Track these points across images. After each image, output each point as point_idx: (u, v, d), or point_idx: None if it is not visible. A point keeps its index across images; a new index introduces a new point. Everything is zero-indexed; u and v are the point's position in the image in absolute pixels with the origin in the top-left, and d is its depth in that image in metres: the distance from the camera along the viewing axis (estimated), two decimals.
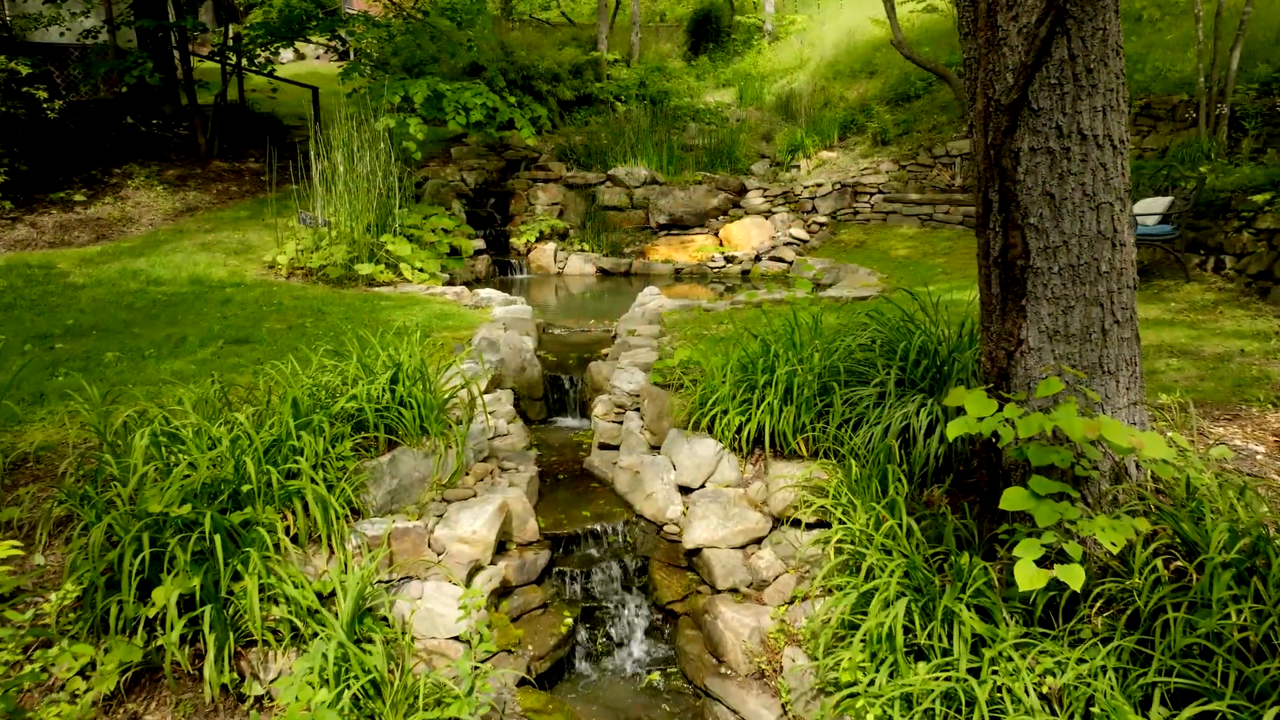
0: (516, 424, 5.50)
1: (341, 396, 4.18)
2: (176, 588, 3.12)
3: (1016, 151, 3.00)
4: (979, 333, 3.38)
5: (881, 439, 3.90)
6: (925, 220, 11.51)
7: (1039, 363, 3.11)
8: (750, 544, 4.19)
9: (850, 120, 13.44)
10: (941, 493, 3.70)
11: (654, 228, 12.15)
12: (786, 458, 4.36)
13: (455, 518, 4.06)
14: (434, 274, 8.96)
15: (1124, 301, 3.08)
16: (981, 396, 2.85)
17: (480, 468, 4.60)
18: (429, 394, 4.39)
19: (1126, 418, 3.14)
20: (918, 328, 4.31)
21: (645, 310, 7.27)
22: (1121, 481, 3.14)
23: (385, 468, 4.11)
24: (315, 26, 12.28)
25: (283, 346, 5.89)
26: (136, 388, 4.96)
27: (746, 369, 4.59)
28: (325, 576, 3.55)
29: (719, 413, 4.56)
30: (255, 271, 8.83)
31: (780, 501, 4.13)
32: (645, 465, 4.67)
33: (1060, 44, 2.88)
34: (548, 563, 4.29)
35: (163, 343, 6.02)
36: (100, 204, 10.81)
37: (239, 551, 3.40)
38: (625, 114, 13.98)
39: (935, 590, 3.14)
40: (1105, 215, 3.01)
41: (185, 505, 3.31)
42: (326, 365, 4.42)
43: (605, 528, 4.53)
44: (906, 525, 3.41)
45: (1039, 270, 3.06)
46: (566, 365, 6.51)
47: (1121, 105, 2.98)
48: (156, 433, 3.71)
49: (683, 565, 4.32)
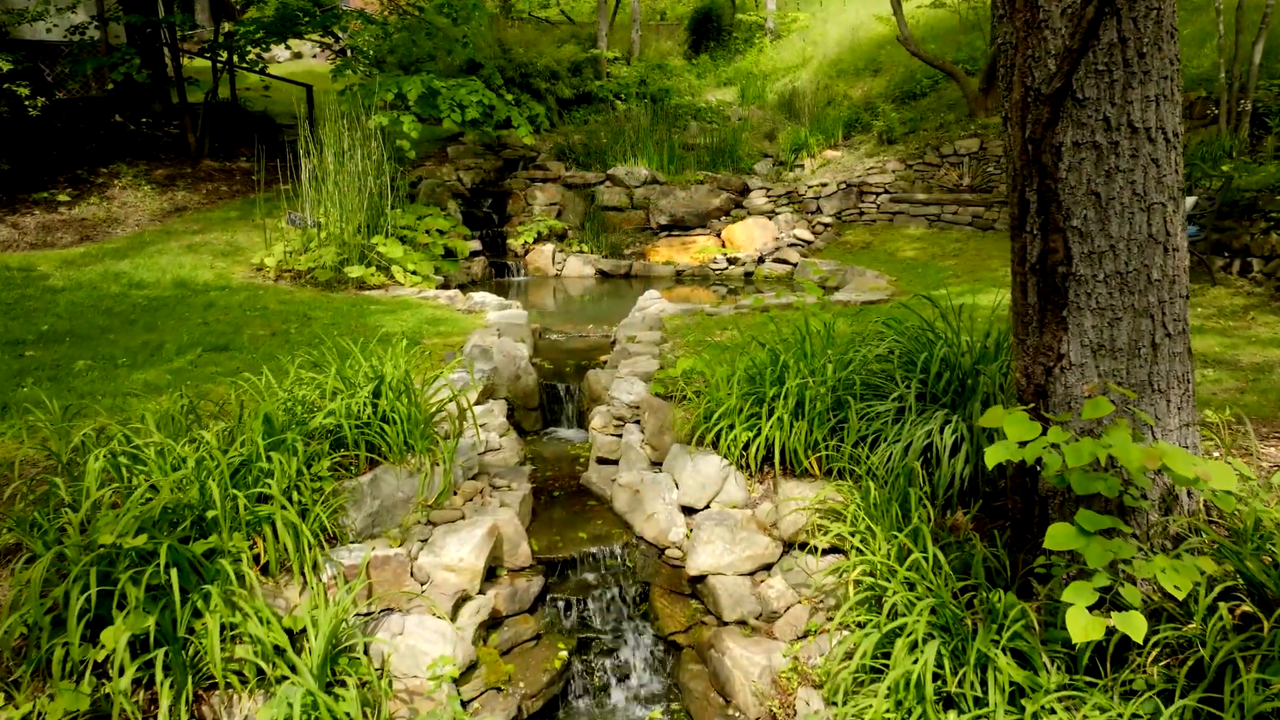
0: (510, 437, 5.20)
1: (319, 411, 3.88)
2: (128, 629, 2.82)
3: (1058, 146, 2.71)
4: (1010, 345, 3.08)
5: (902, 458, 3.60)
6: (933, 221, 11.22)
7: (1081, 380, 2.81)
8: (759, 570, 3.89)
9: (855, 118, 13.14)
10: (968, 518, 3.40)
11: (654, 228, 11.85)
12: (797, 476, 4.06)
13: (441, 543, 3.76)
14: (427, 277, 8.66)
15: (1176, 312, 2.79)
16: (1023, 419, 2.55)
17: (469, 486, 4.30)
18: (414, 408, 4.09)
19: (1178, 440, 2.84)
20: (939, 337, 4.01)
21: (645, 315, 6.98)
22: (1172, 511, 2.84)
23: (366, 488, 3.82)
24: (308, 23, 11.98)
25: (264, 354, 5.59)
26: (105, 399, 4.67)
27: (754, 380, 4.29)
28: (297, 611, 3.26)
29: (725, 427, 4.26)
30: (242, 274, 8.53)
31: (791, 525, 3.84)
32: (646, 483, 4.37)
33: (1109, 26, 2.59)
34: (541, 590, 3.99)
35: (138, 350, 5.72)
36: (85, 204, 10.51)
37: (201, 585, 3.10)
38: (625, 112, 13.68)
39: (966, 630, 2.84)
40: (1157, 217, 2.71)
41: (141, 535, 3.01)
42: (304, 378, 4.12)
43: (603, 551, 4.23)
44: (933, 557, 3.11)
45: (1082, 278, 2.76)
46: (563, 373, 6.21)
47: (1175, 94, 2.69)
48: (115, 453, 3.42)
49: (686, 592, 4.02)
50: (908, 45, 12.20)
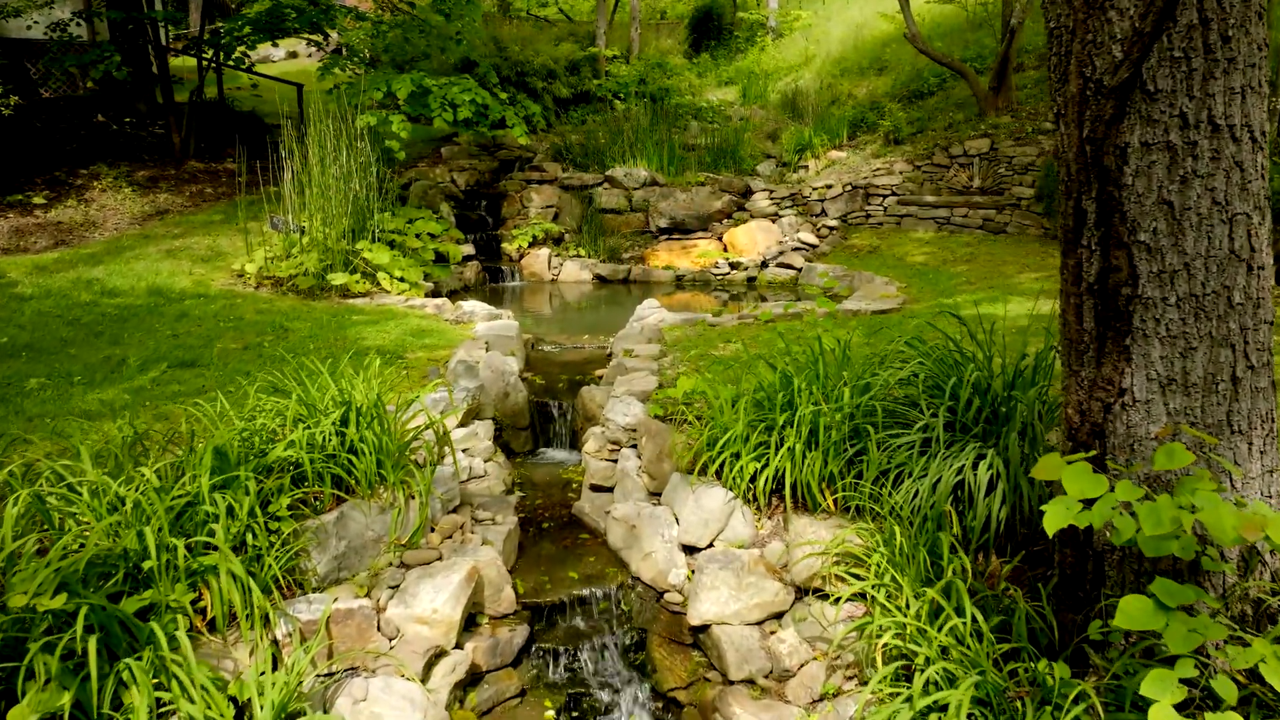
0: (495, 462, 4.81)
1: (280, 442, 3.49)
2: (35, 710, 2.42)
3: (1124, 147, 2.31)
4: (1062, 376, 2.69)
5: (929, 497, 3.20)
6: (942, 224, 10.82)
7: (1147, 419, 2.42)
8: (769, 619, 3.50)
9: (860, 118, 12.74)
10: (1008, 569, 3.01)
11: (654, 232, 11.45)
12: (810, 511, 3.67)
13: (414, 590, 3.36)
14: (415, 283, 8.27)
15: (1260, 341, 2.39)
16: (1084, 471, 2.15)
17: (449, 521, 3.91)
18: (386, 436, 3.70)
19: (1260, 489, 2.45)
20: (968, 359, 3.61)
21: (644, 325, 6.58)
22: (1252, 571, 2.44)
23: (330, 528, 3.43)
24: (296, 19, 11.57)
25: (232, 371, 5.20)
26: (56, 421, 4.28)
27: (762, 405, 3.90)
28: (245, 675, 2.86)
29: (730, 457, 3.86)
30: (222, 281, 8.14)
31: (805, 569, 3.44)
32: (643, 518, 3.98)
33: (1189, 4, 2.19)
34: (526, 639, 3.59)
35: (99, 366, 5.32)
36: (62, 207, 10.12)
37: (135, 649, 2.71)
38: (624, 112, 13.28)
39: (1014, 710, 2.45)
40: (1240, 230, 2.32)
41: (60, 595, 2.61)
42: (264, 405, 3.73)
43: (596, 593, 3.84)
44: (971, 618, 2.71)
45: (1150, 301, 2.36)
46: (556, 389, 5.82)
47: (1263, 85, 2.29)
48: (42, 495, 3.02)
49: (688, 642, 3.62)
50: (915, 42, 11.80)
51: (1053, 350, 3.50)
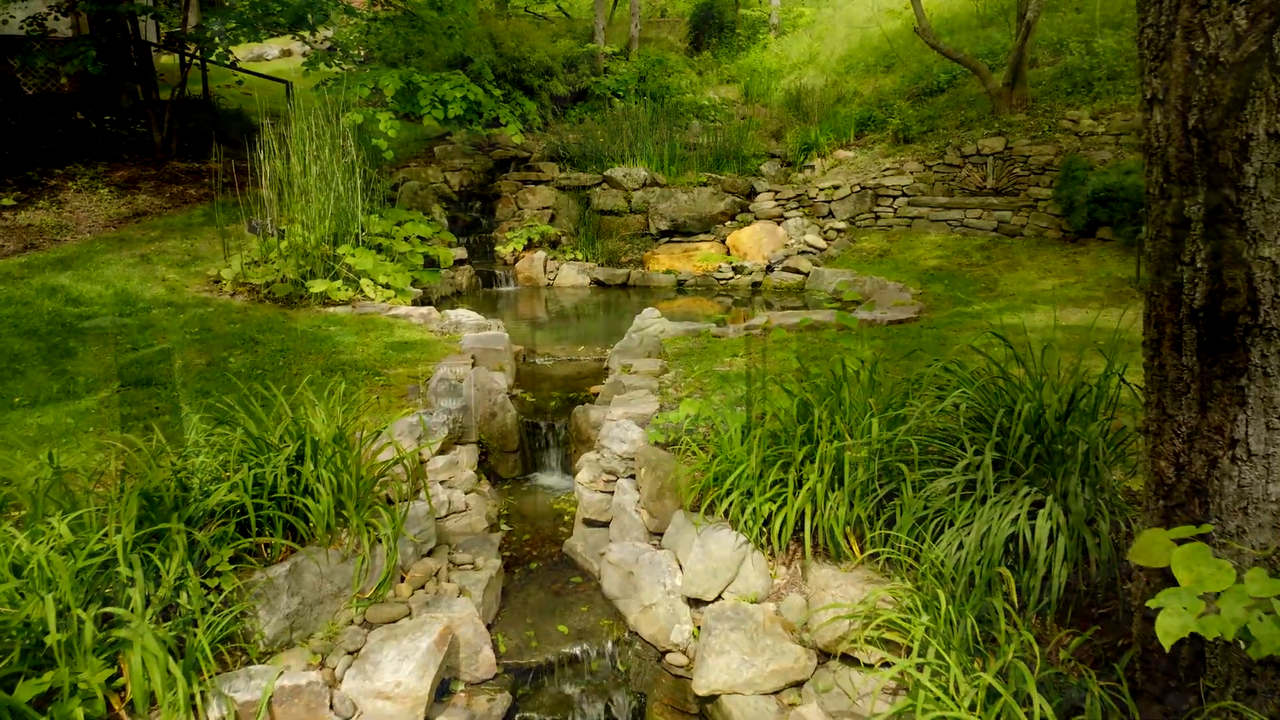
0: (480, 491, 4.34)
1: (224, 484, 3.03)
2: None
3: (1245, 140, 1.85)
4: (1146, 419, 2.22)
5: (978, 552, 2.74)
6: (955, 226, 10.35)
7: (1266, 477, 1.95)
8: (787, 688, 3.03)
9: (868, 117, 12.27)
10: (1077, 642, 2.54)
11: (654, 234, 10.98)
12: (833, 560, 3.21)
13: (375, 657, 2.89)
14: (402, 290, 7.80)
15: None
16: (1202, 555, 1.69)
17: (421, 568, 3.44)
18: (347, 474, 3.23)
19: None
20: (1017, 386, 3.14)
21: (643, 336, 6.11)
22: None
23: (281, 583, 2.96)
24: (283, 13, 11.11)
25: (191, 390, 4.73)
26: None
27: (778, 437, 3.43)
28: None
29: (741, 495, 3.40)
30: (196, 288, 7.67)
31: (830, 632, 2.97)
32: (642, 564, 3.51)
33: None
34: (508, 710, 3.12)
35: (45, 385, 4.86)
36: (34, 209, 9.65)
37: None
38: (623, 111, 12.81)
39: None
40: None
41: None
42: (208, 439, 3.26)
43: (589, 651, 3.37)
44: (1039, 708, 2.24)
45: (1273, 332, 1.90)
46: (548, 408, 5.35)
47: None
48: None
49: (693, 712, 3.15)
50: (925, 36, 11.34)
51: (1116, 376, 3.04)
